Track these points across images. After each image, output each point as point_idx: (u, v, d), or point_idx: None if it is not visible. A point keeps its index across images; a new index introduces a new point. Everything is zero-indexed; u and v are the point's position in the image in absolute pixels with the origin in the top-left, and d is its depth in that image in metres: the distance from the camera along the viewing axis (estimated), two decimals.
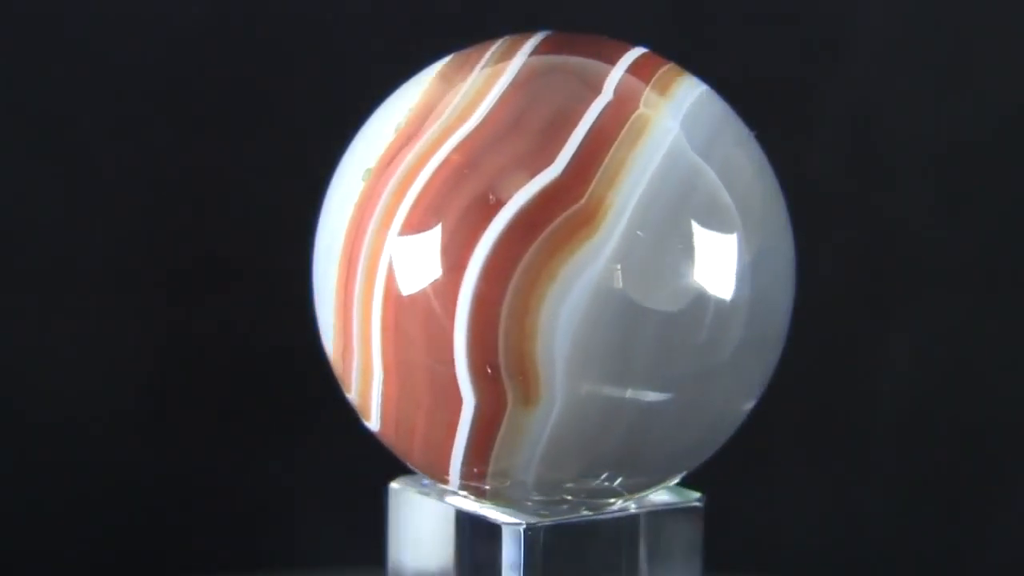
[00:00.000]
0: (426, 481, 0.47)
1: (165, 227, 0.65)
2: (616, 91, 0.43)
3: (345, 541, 0.65)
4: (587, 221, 0.41)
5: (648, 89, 0.43)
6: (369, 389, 0.44)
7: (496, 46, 0.45)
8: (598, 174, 0.41)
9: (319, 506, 0.66)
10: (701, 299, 0.42)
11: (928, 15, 0.66)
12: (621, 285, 0.41)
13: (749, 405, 0.45)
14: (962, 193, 0.66)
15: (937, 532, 0.67)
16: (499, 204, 0.41)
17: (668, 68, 0.44)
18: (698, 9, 0.66)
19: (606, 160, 0.41)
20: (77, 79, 0.64)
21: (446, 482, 0.45)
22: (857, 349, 0.67)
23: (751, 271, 0.43)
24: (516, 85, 0.43)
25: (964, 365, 0.67)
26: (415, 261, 0.42)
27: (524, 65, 0.44)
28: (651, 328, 0.41)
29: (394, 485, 0.48)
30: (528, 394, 0.42)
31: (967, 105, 0.66)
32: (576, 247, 0.41)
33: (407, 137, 0.43)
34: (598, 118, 0.42)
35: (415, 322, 0.42)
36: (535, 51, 0.44)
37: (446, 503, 0.46)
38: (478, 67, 0.44)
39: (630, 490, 0.45)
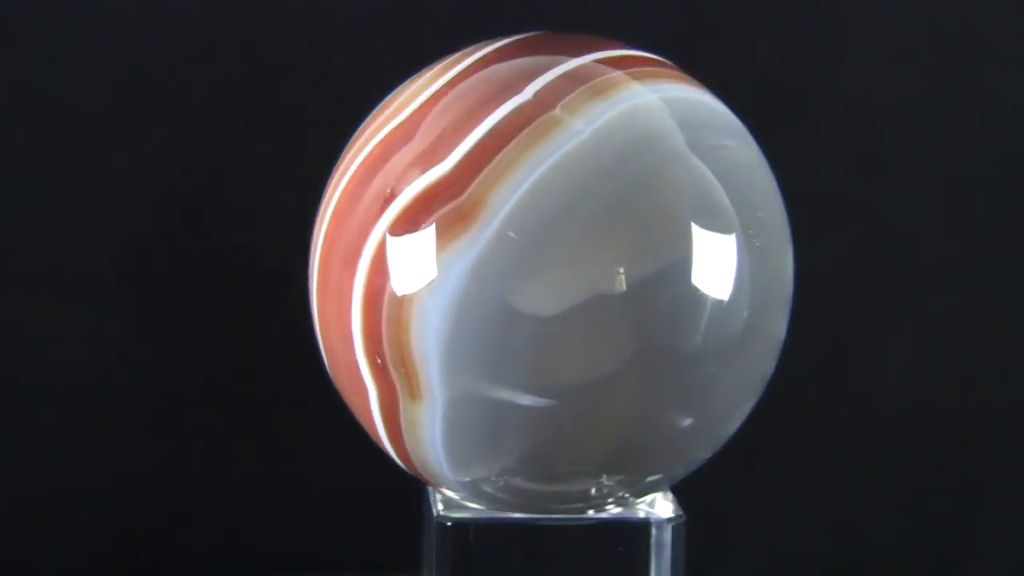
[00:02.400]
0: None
1: (165, 227, 0.65)
2: (538, 93, 0.42)
3: (345, 541, 0.65)
4: (462, 218, 0.41)
5: (577, 92, 0.42)
6: (328, 376, 0.46)
7: (471, 48, 0.45)
8: (483, 173, 0.41)
9: (319, 506, 0.66)
10: (586, 306, 0.40)
11: (928, 15, 0.66)
12: (489, 286, 0.41)
13: (678, 420, 0.42)
14: (962, 193, 0.66)
15: (937, 532, 0.67)
16: (392, 198, 0.42)
17: (624, 74, 0.43)
18: (698, 9, 0.66)
19: (496, 159, 0.41)
20: (77, 79, 0.64)
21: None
22: (857, 349, 0.67)
23: (641, 286, 0.41)
24: (449, 84, 0.44)
25: (964, 365, 0.67)
26: (335, 251, 0.44)
27: (469, 66, 0.44)
28: (523, 331, 0.41)
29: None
30: (412, 388, 0.42)
31: (967, 105, 0.66)
32: (448, 243, 0.41)
33: (361, 133, 0.45)
34: (504, 118, 0.42)
35: (333, 311, 0.44)
36: (496, 52, 0.44)
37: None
38: (437, 67, 0.45)
39: (611, 493, 0.44)
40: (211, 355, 0.65)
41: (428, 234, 0.41)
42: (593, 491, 0.44)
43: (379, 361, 0.42)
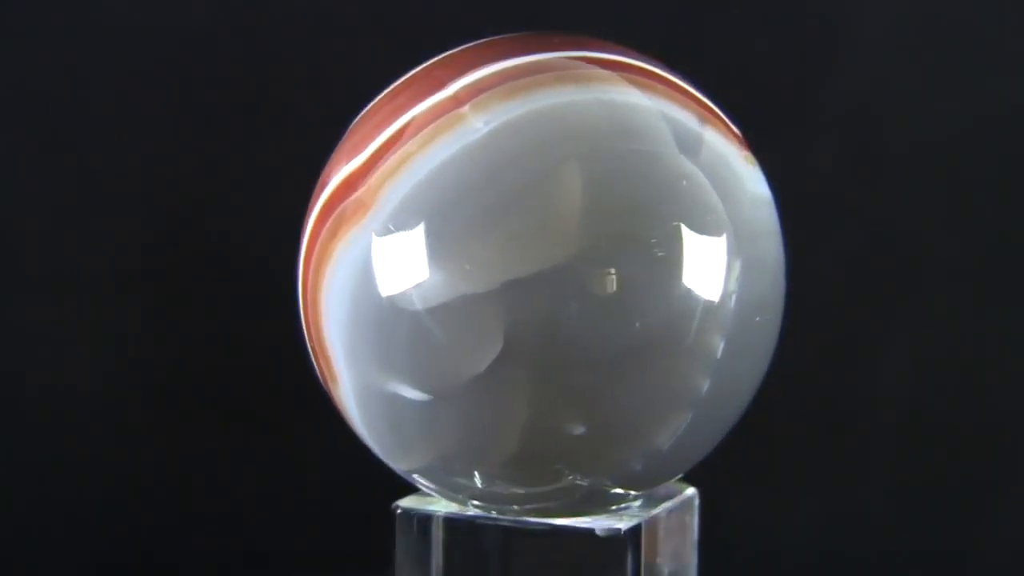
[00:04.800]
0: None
1: (165, 227, 0.65)
2: (460, 90, 0.42)
3: (345, 541, 0.65)
4: (358, 209, 0.42)
5: (495, 91, 0.42)
6: None
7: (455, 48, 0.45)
8: (383, 166, 0.42)
9: (319, 506, 0.66)
10: (455, 304, 0.40)
11: (928, 15, 0.66)
12: (374, 277, 0.41)
13: (570, 426, 0.41)
14: (962, 193, 0.66)
15: (937, 532, 0.67)
16: (323, 187, 0.44)
17: (555, 75, 0.42)
18: (698, 9, 0.66)
19: (398, 153, 0.41)
20: (77, 80, 0.64)
21: None
22: (857, 349, 0.67)
23: (511, 287, 0.40)
24: (404, 83, 0.44)
25: (964, 365, 0.67)
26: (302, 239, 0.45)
27: (428, 65, 0.44)
28: (403, 325, 0.41)
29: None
30: (330, 372, 0.44)
31: (967, 105, 0.66)
32: (346, 233, 0.42)
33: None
34: (419, 114, 0.42)
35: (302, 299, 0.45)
36: (462, 51, 0.44)
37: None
38: (412, 70, 0.45)
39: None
40: (211, 355, 0.65)
41: (335, 223, 0.42)
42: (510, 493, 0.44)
43: (310, 346, 0.44)
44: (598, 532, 0.44)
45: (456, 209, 0.40)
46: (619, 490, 0.44)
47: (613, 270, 0.40)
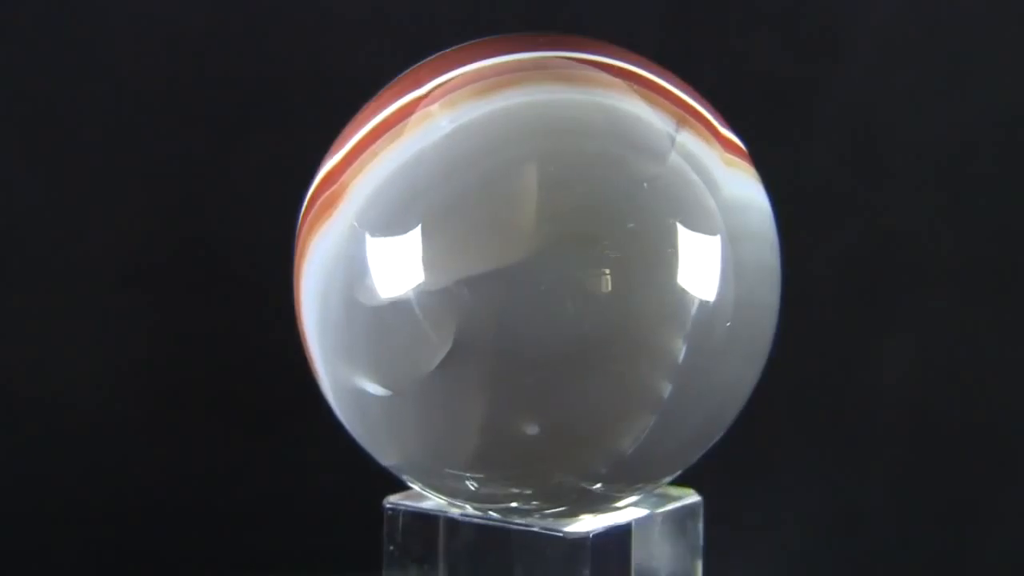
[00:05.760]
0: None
1: (165, 227, 0.65)
2: (434, 88, 0.42)
3: (345, 541, 0.65)
4: (329, 206, 0.42)
5: (466, 89, 0.42)
6: None
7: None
8: (355, 162, 0.42)
9: (318, 506, 0.66)
10: (409, 301, 0.40)
11: (928, 15, 0.66)
12: (338, 272, 0.42)
13: (524, 425, 0.41)
14: (962, 194, 0.66)
15: (937, 532, 0.67)
16: (310, 183, 0.44)
17: (525, 74, 0.42)
18: (698, 9, 0.66)
19: (368, 150, 0.42)
20: (78, 80, 0.64)
21: None
22: (857, 349, 0.67)
23: (465, 285, 0.40)
24: (394, 82, 0.44)
25: (964, 365, 0.67)
26: None
27: (418, 65, 0.44)
28: (363, 321, 0.41)
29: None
30: (313, 368, 0.44)
31: (967, 105, 0.66)
32: (319, 227, 0.42)
33: None
34: (393, 112, 0.42)
35: None
36: (455, 50, 0.44)
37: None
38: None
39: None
40: (211, 356, 0.65)
41: (312, 219, 0.43)
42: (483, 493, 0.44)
43: (302, 341, 0.45)
44: (562, 534, 0.44)
45: (413, 206, 0.40)
46: (601, 492, 0.43)
47: (566, 271, 0.40)
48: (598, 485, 0.43)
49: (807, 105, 0.66)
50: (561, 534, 0.44)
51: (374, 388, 0.41)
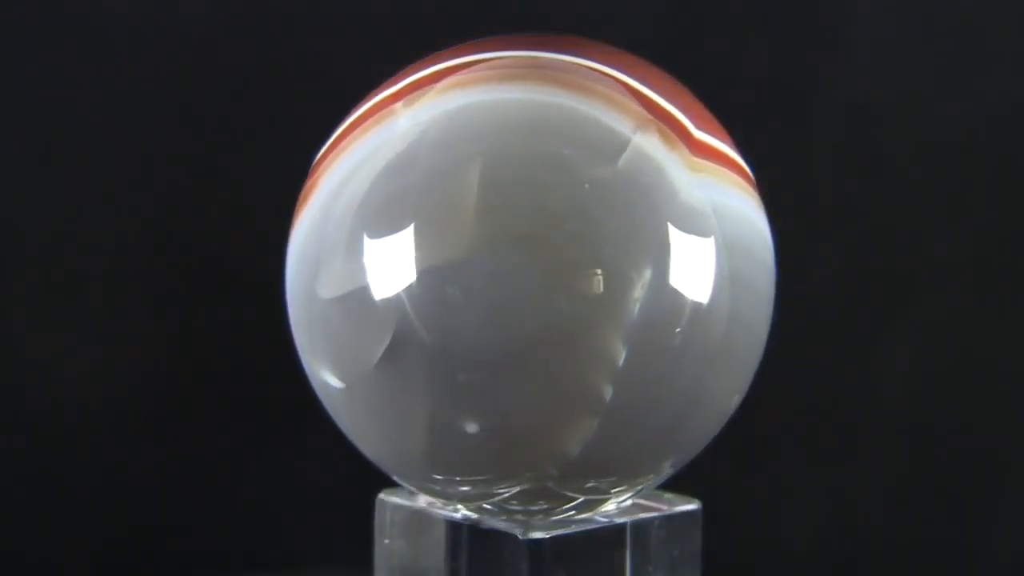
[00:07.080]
0: None
1: (165, 227, 0.65)
2: (406, 85, 0.43)
3: (344, 541, 0.65)
4: (303, 200, 0.44)
5: (435, 87, 0.42)
6: None
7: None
8: (328, 158, 0.43)
9: (318, 506, 0.66)
10: (354, 295, 0.41)
11: (928, 15, 0.66)
12: (304, 264, 0.43)
13: (465, 425, 0.41)
14: (962, 193, 0.66)
15: (937, 532, 0.67)
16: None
17: (496, 73, 0.42)
18: (698, 9, 0.66)
19: (339, 145, 0.43)
20: (78, 80, 0.64)
21: None
22: (857, 349, 0.67)
23: (407, 281, 0.40)
24: (387, 81, 0.45)
25: (964, 365, 0.67)
26: None
27: (410, 65, 0.45)
28: (319, 312, 0.42)
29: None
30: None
31: (967, 104, 0.66)
32: (295, 222, 0.44)
33: None
34: (367, 109, 0.43)
35: None
36: (448, 50, 0.45)
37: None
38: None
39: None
40: (211, 356, 0.65)
41: (294, 213, 0.44)
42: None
43: None
44: (520, 536, 0.44)
45: (364, 202, 0.41)
46: (569, 494, 0.43)
47: (505, 270, 0.40)
48: (560, 486, 0.43)
49: (806, 105, 0.66)
50: (520, 535, 0.44)
51: (333, 381, 0.43)
